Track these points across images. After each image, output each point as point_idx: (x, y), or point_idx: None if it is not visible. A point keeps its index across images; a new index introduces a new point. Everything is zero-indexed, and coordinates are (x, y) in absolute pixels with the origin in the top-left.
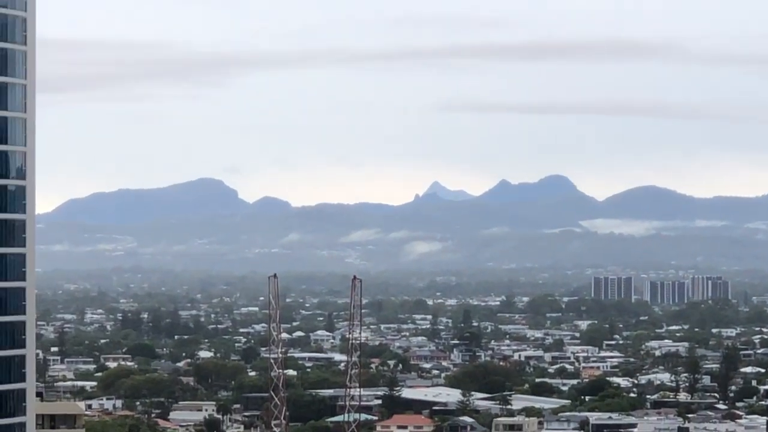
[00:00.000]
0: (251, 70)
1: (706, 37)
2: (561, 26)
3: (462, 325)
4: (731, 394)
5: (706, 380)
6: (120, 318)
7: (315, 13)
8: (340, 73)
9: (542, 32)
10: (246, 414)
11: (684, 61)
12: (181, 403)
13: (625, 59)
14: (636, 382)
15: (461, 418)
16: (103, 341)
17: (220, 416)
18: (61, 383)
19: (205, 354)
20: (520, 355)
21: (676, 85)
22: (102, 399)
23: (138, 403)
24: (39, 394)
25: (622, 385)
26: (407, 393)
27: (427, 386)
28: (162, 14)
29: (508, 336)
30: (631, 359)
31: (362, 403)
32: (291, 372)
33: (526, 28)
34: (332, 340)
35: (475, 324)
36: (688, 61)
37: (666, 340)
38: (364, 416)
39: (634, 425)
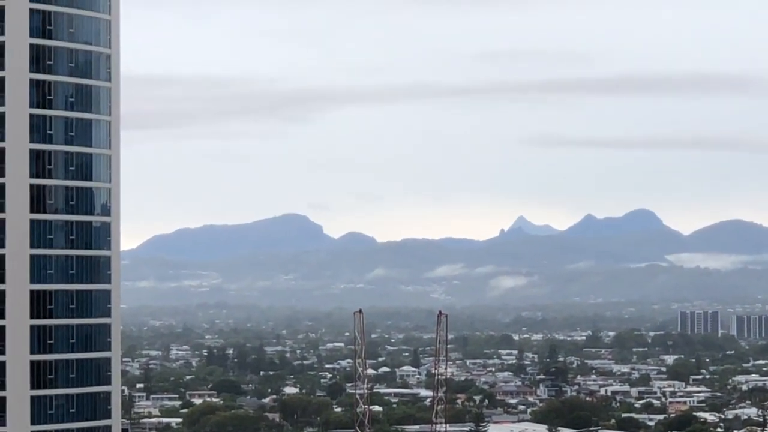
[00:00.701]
0: (336, 105)
1: None
2: (648, 60)
3: (548, 360)
4: None
5: None
6: (205, 354)
7: (400, 48)
8: (425, 108)
9: (629, 66)
10: None
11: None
12: None
13: (712, 92)
14: (723, 417)
15: None
16: (188, 377)
17: None
18: (146, 420)
19: (290, 390)
20: (606, 390)
21: (763, 118)
22: None
23: None
24: (125, 431)
25: (709, 420)
26: (493, 429)
27: (513, 422)
28: (248, 51)
29: (594, 371)
30: (718, 394)
31: None
32: (377, 408)
33: (613, 63)
34: (418, 376)
35: (561, 359)
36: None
37: (753, 375)
38: None
39: None
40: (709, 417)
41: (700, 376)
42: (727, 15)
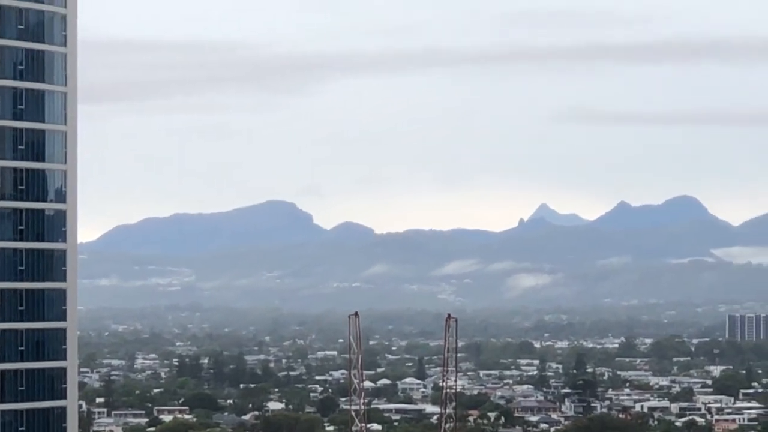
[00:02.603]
0: (337, 75)
1: None
2: (697, 23)
3: (575, 371)
4: None
5: None
6: (176, 364)
7: (413, 9)
8: (437, 79)
9: (676, 30)
10: None
11: None
12: None
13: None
14: None
15: None
16: (156, 391)
17: None
18: None
19: (275, 405)
20: (642, 406)
21: None
22: None
23: None
24: None
25: None
26: None
27: None
28: (233, 10)
29: (628, 384)
30: None
31: None
32: (375, 426)
33: (657, 26)
34: (423, 389)
35: (589, 370)
36: None
37: None
38: None
39: None
40: None
41: (751, 390)
42: None
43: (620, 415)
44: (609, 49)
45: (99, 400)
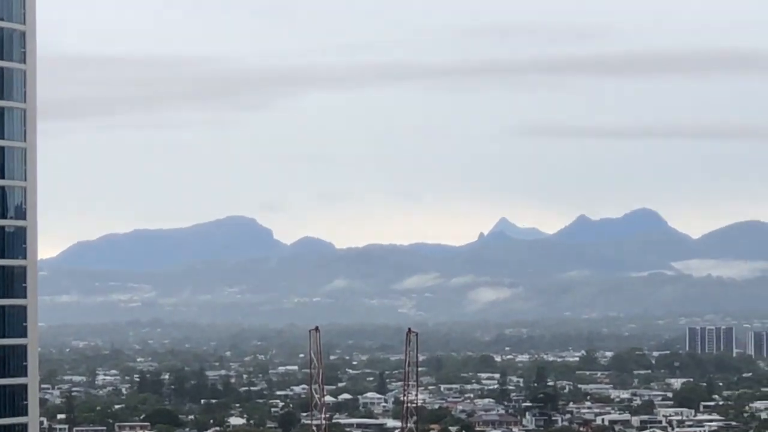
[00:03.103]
0: (300, 89)
1: None
2: (659, 36)
3: (535, 384)
4: None
5: None
6: (137, 379)
7: (376, 24)
8: (398, 94)
9: (638, 43)
10: None
11: None
12: None
13: (729, 73)
14: None
15: None
16: (117, 407)
17: None
18: None
19: (236, 421)
20: (603, 419)
21: None
22: None
23: None
24: None
25: None
26: None
27: None
28: (196, 26)
29: (589, 397)
30: (733, 423)
31: None
32: None
33: (619, 39)
34: (384, 404)
35: (550, 383)
36: None
37: None
38: None
39: None
40: None
41: (712, 403)
42: None
43: (581, 429)
44: (569, 63)
45: (60, 416)
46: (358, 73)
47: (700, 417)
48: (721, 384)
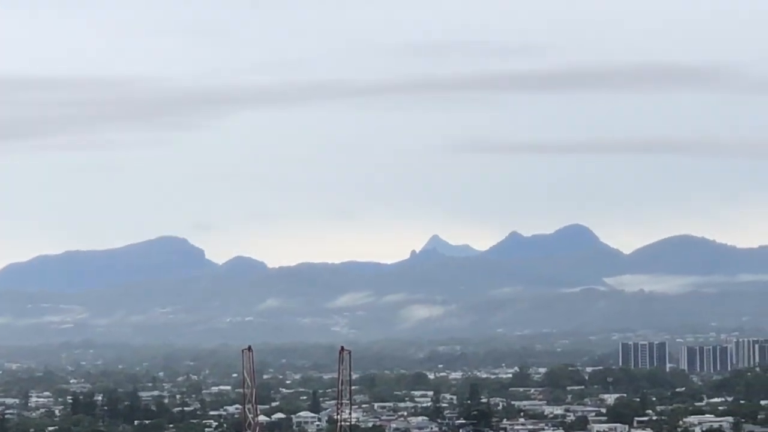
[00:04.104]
0: (231, 109)
1: (762, 61)
2: (592, 52)
3: (469, 401)
4: None
5: None
6: (70, 401)
7: (310, 41)
8: (334, 111)
9: (569, 59)
10: None
11: (731, 90)
12: None
13: (661, 88)
14: None
15: None
16: (51, 429)
17: None
18: None
19: None
20: None
21: (719, 117)
22: None
23: None
24: None
25: None
26: None
27: None
28: (127, 46)
29: (522, 413)
30: None
31: None
32: None
33: (549, 55)
34: (318, 423)
35: (484, 400)
36: (737, 89)
37: (707, 415)
38: None
39: None
40: None
41: (645, 418)
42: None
43: None
44: (502, 80)
45: None
46: (290, 92)
47: None
48: (654, 399)
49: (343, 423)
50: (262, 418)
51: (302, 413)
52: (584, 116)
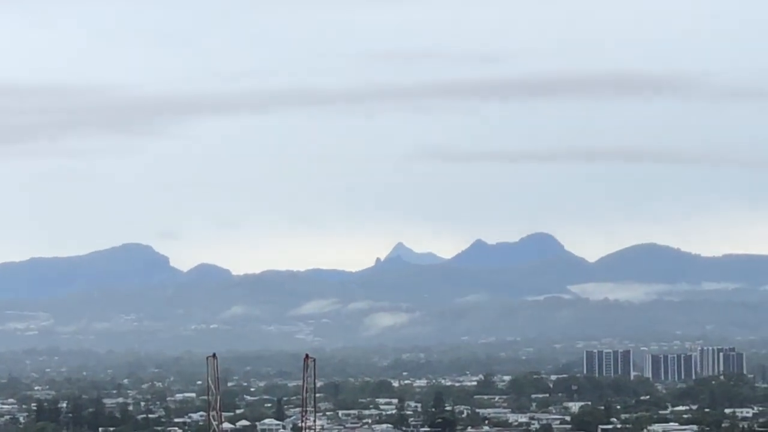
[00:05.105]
0: (196, 116)
1: (728, 70)
2: (558, 60)
3: (433, 409)
4: None
5: None
6: (34, 408)
7: (274, 49)
8: (299, 118)
9: (535, 67)
10: None
11: (696, 99)
12: None
13: (623, 97)
14: None
15: None
16: None
17: None
18: None
19: None
20: None
21: (682, 125)
22: None
23: None
24: None
25: None
26: None
27: None
28: (92, 54)
29: (487, 421)
30: None
31: None
32: None
33: (514, 64)
34: (282, 430)
35: (448, 408)
36: (702, 98)
37: (671, 423)
38: None
39: None
40: None
41: (609, 426)
42: (648, 7)
43: None
44: (467, 88)
45: None
46: (255, 99)
47: None
48: (618, 407)
49: (307, 430)
50: (226, 425)
51: (267, 420)
52: (549, 125)
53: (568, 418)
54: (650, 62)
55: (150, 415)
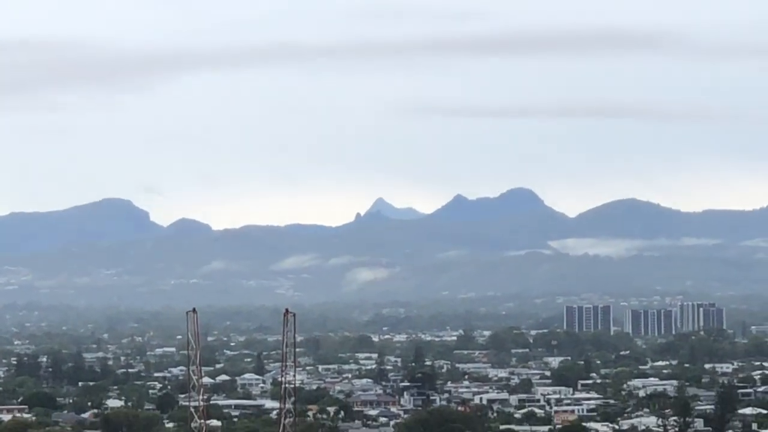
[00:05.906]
0: (181, 71)
1: (710, 27)
2: (541, 15)
3: (413, 364)
4: None
5: (699, 424)
6: (14, 363)
7: (257, 3)
8: (282, 73)
9: (518, 22)
10: None
11: (677, 54)
12: None
13: (605, 53)
14: (617, 427)
15: None
16: None
17: None
18: None
19: (114, 403)
20: (481, 399)
21: (664, 81)
22: None
23: None
24: None
25: (600, 431)
26: None
27: None
28: (70, 8)
29: (467, 376)
30: (611, 401)
31: None
32: (215, 422)
33: (495, 19)
34: (262, 385)
35: (428, 363)
36: (683, 53)
37: (651, 379)
38: None
39: None
40: (601, 428)
41: (589, 381)
42: None
43: (459, 408)
44: (449, 43)
45: None
46: (239, 54)
47: (578, 395)
48: (598, 362)
49: (287, 385)
50: (206, 379)
51: (246, 375)
52: (529, 80)
53: (548, 373)
54: (633, 19)
55: (130, 370)
